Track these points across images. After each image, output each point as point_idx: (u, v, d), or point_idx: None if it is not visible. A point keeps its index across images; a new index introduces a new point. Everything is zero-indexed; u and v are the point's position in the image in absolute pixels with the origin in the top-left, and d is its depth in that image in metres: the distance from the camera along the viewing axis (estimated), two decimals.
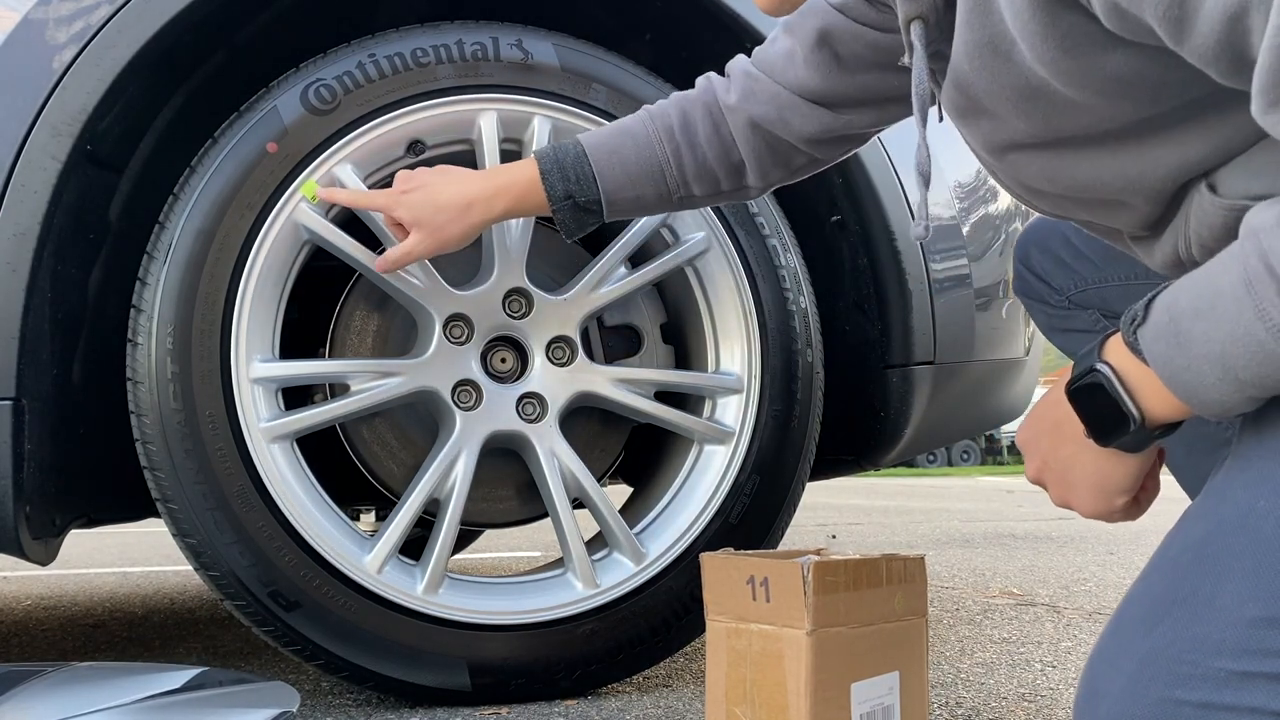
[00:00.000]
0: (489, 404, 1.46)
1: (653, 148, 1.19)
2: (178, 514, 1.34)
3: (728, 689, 0.91)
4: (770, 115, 1.13)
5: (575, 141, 1.21)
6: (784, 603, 0.87)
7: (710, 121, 1.18)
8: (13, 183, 1.28)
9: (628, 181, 1.20)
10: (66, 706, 1.04)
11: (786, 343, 1.55)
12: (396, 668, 1.40)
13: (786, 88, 1.11)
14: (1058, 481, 0.86)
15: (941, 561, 3.30)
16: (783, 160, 1.17)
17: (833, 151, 1.17)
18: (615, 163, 1.20)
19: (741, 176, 1.20)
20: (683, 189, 1.21)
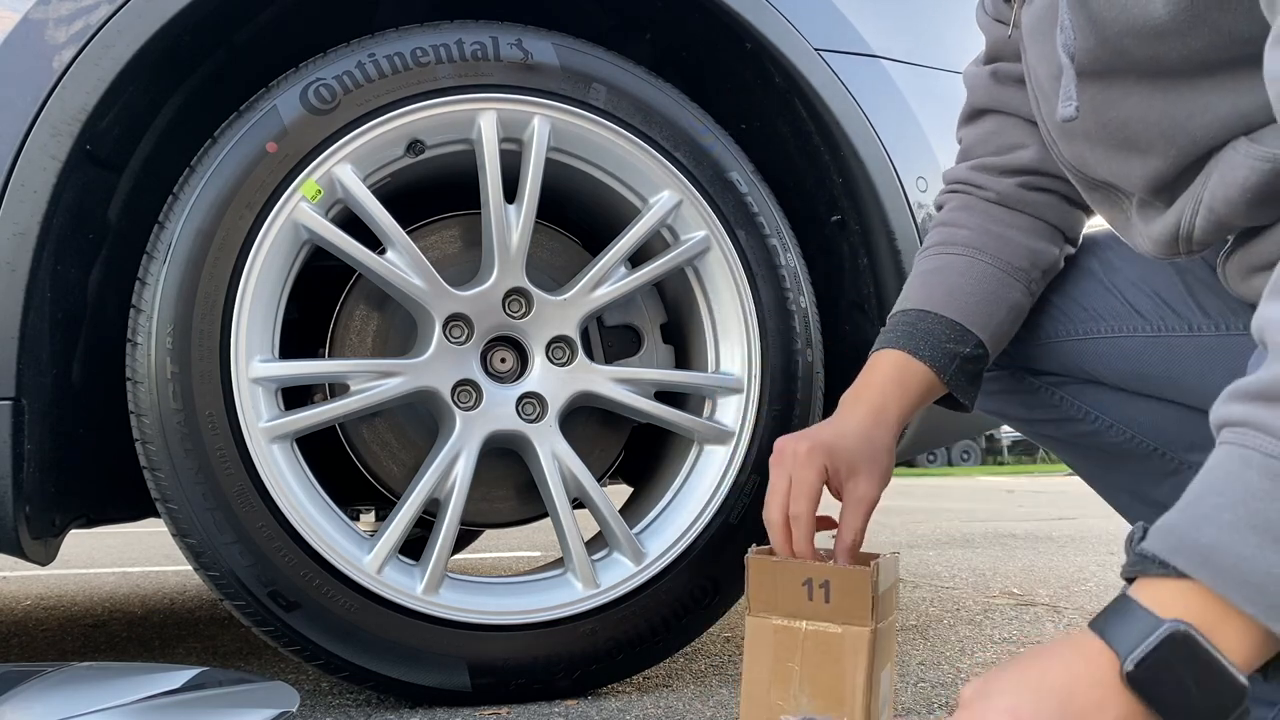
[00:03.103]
0: (489, 404, 1.46)
1: (967, 258, 1.08)
2: (177, 514, 1.34)
3: (771, 685, 0.93)
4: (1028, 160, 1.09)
5: (894, 316, 1.09)
6: (846, 603, 0.91)
7: (992, 210, 1.11)
8: (12, 182, 1.28)
9: (993, 303, 1.06)
10: (66, 706, 1.04)
11: (786, 343, 1.55)
12: (396, 668, 1.40)
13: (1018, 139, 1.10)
14: None
15: (941, 561, 3.30)
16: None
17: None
18: (969, 297, 1.06)
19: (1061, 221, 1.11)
20: (1033, 271, 1.09)
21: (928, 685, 1.56)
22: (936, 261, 1.10)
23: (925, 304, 1.07)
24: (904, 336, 1.05)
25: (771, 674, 0.93)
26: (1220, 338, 1.02)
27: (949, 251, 1.10)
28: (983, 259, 1.08)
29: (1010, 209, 1.11)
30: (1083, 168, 0.92)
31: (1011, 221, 1.10)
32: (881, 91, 1.56)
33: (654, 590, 1.49)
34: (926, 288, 1.08)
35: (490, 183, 1.44)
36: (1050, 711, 0.61)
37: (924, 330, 1.06)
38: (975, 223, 1.10)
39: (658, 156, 1.51)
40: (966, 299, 1.06)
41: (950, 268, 1.09)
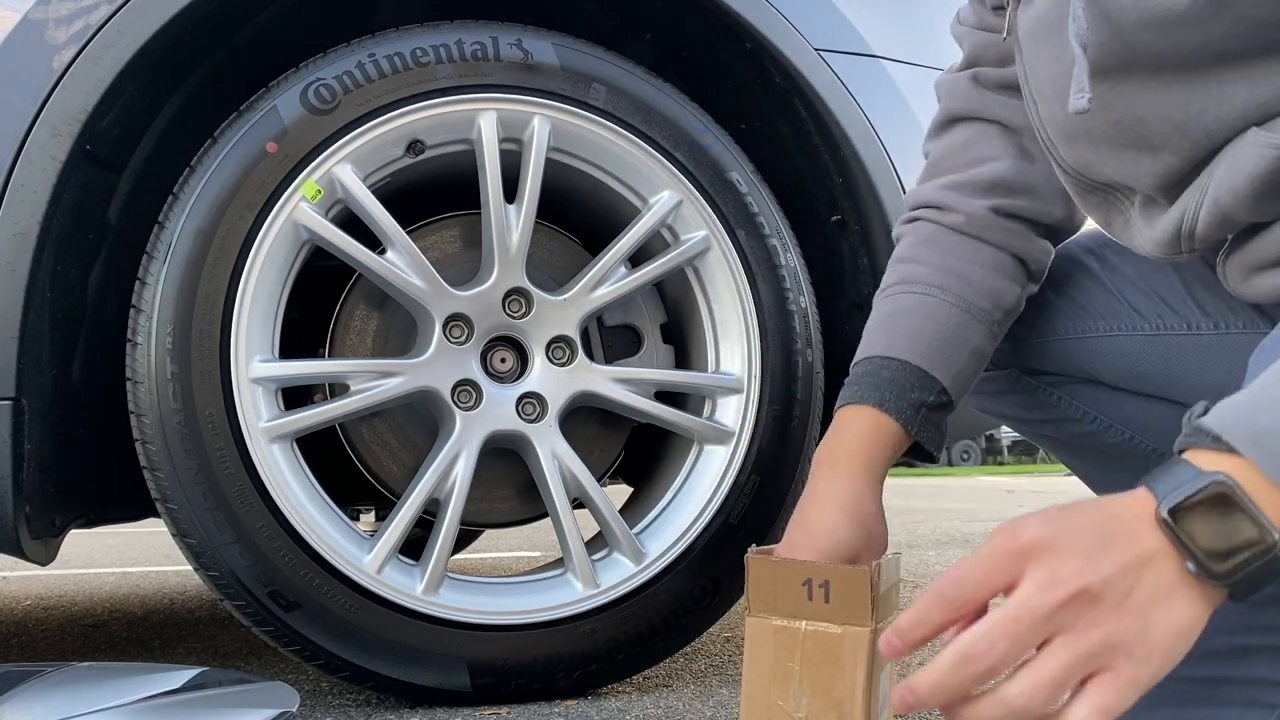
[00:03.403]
0: (489, 404, 1.46)
1: (930, 298, 1.04)
2: (177, 514, 1.34)
3: (772, 685, 0.93)
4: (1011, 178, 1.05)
5: (859, 364, 1.04)
6: (846, 603, 0.91)
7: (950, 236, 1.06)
8: (12, 182, 1.28)
9: (955, 347, 1.03)
10: (66, 706, 1.04)
11: (786, 343, 1.55)
12: (396, 668, 1.40)
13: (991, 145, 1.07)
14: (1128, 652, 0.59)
15: (942, 562, 3.30)
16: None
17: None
18: (931, 341, 1.02)
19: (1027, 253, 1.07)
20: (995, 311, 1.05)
21: None
22: (896, 303, 1.06)
23: (888, 350, 1.03)
24: (870, 389, 1.01)
25: (771, 674, 0.93)
26: (1219, 336, 1.01)
27: (910, 291, 1.05)
28: (944, 299, 1.04)
29: (975, 240, 1.06)
30: (1085, 170, 0.91)
31: (974, 257, 1.05)
32: (881, 91, 1.56)
33: (654, 590, 1.49)
34: (888, 333, 1.04)
35: (490, 183, 1.44)
36: (1087, 528, 0.61)
37: (888, 380, 1.02)
38: (936, 260, 1.06)
39: (658, 156, 1.51)
40: (929, 343, 1.02)
41: (911, 309, 1.04)
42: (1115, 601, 0.60)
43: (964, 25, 1.12)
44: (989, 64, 1.08)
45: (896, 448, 1.02)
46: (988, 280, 1.05)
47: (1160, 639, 0.60)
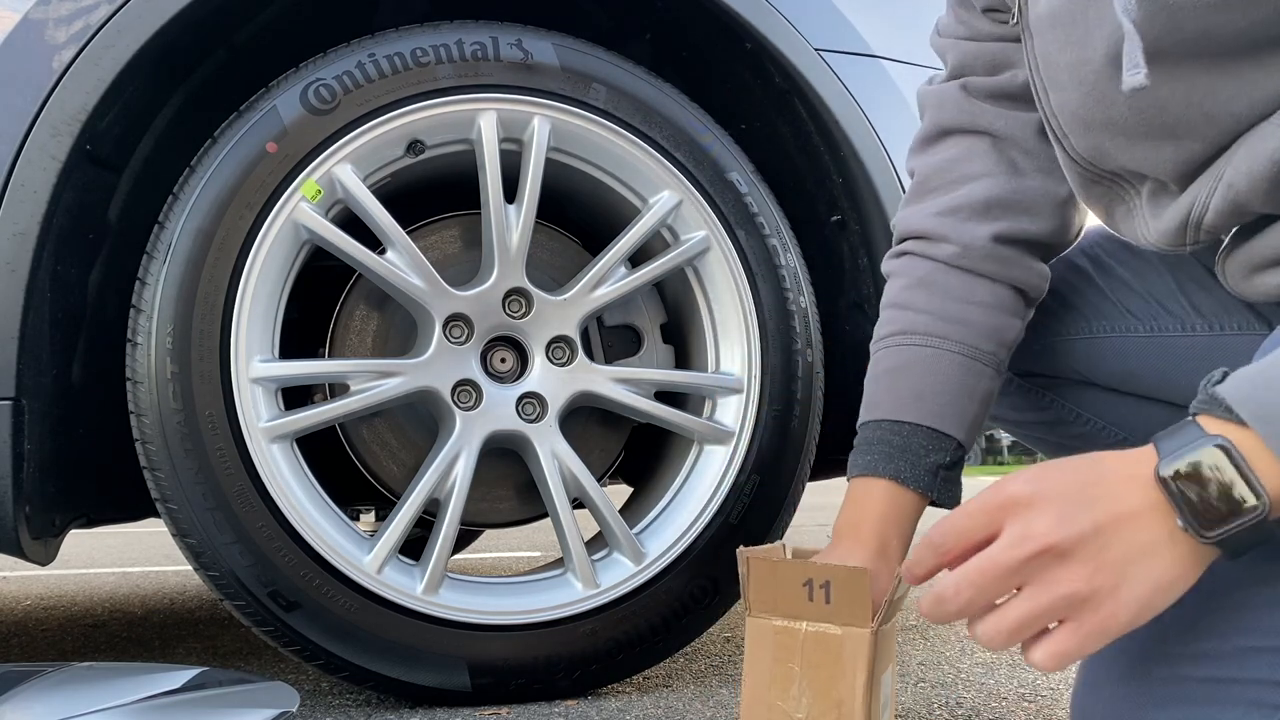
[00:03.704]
0: (489, 404, 1.46)
1: (931, 349, 1.01)
2: (177, 514, 1.34)
3: (772, 685, 0.93)
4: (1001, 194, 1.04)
5: (867, 427, 1.03)
6: (847, 604, 0.91)
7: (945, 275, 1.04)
8: (12, 182, 1.28)
9: (964, 398, 1.01)
10: (66, 706, 1.04)
11: (786, 343, 1.55)
12: (396, 668, 1.40)
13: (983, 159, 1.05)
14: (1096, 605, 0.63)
15: None
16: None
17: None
18: (940, 397, 1.00)
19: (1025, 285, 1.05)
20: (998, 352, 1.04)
21: (928, 685, 1.56)
22: (896, 357, 1.03)
23: (895, 413, 1.01)
24: (883, 459, 1.00)
25: (772, 675, 0.93)
26: (1214, 338, 1.01)
27: (910, 343, 1.03)
28: (946, 348, 1.02)
29: (970, 275, 1.03)
30: (1097, 159, 0.89)
31: (971, 296, 1.03)
32: (881, 91, 1.56)
33: (654, 590, 1.49)
34: (892, 392, 1.02)
35: (490, 183, 1.44)
36: (1069, 487, 0.64)
37: (900, 447, 1.00)
38: (934, 305, 1.03)
39: (658, 156, 1.51)
40: (938, 400, 1.00)
41: (915, 365, 1.02)
42: (1086, 557, 0.63)
43: (945, 37, 1.09)
44: (978, 73, 1.06)
45: (916, 515, 1.01)
46: (988, 319, 1.03)
47: (1137, 593, 0.63)
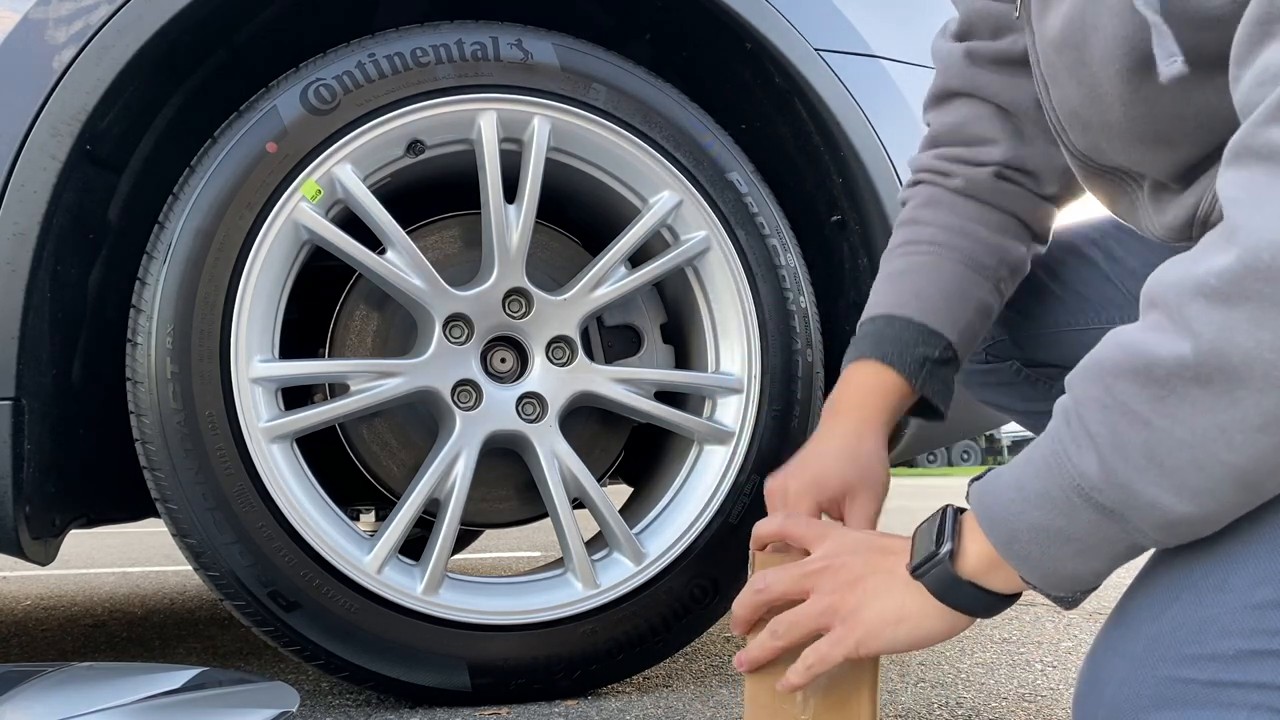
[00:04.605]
0: (489, 404, 1.46)
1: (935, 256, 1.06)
2: (177, 514, 1.34)
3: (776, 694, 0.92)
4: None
5: (864, 324, 1.07)
6: None
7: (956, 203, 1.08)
8: (12, 182, 1.28)
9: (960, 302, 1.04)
10: (66, 706, 1.04)
11: (786, 343, 1.55)
12: (396, 668, 1.40)
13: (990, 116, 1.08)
14: (843, 619, 0.81)
15: None
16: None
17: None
18: (936, 298, 1.04)
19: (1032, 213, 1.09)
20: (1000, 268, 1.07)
21: (927, 685, 1.56)
22: (902, 263, 1.07)
23: (892, 308, 1.05)
24: (873, 345, 1.03)
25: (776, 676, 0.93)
26: None
27: (915, 252, 1.07)
28: (949, 256, 1.05)
29: (978, 202, 1.08)
30: (1095, 156, 0.89)
31: (978, 217, 1.07)
32: (881, 91, 1.56)
33: (654, 590, 1.49)
34: (894, 291, 1.06)
35: (490, 183, 1.44)
36: (860, 539, 0.86)
37: (891, 336, 1.03)
38: (941, 219, 1.07)
39: (658, 157, 1.51)
40: (933, 300, 1.04)
41: (916, 268, 1.06)
42: (846, 580, 0.81)
43: None
44: (982, 35, 1.07)
45: (901, 401, 1.03)
46: (992, 238, 1.06)
47: (869, 617, 0.80)
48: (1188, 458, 0.62)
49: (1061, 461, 0.68)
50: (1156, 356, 0.62)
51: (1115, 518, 0.66)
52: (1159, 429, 0.62)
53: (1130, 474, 0.64)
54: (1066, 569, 0.71)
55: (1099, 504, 0.66)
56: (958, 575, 0.76)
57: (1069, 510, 0.68)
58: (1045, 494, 0.69)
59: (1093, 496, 0.66)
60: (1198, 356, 0.60)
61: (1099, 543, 0.69)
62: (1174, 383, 0.62)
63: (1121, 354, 0.65)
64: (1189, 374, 0.61)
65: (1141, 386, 0.63)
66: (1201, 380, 0.60)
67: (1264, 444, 0.60)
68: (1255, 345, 0.58)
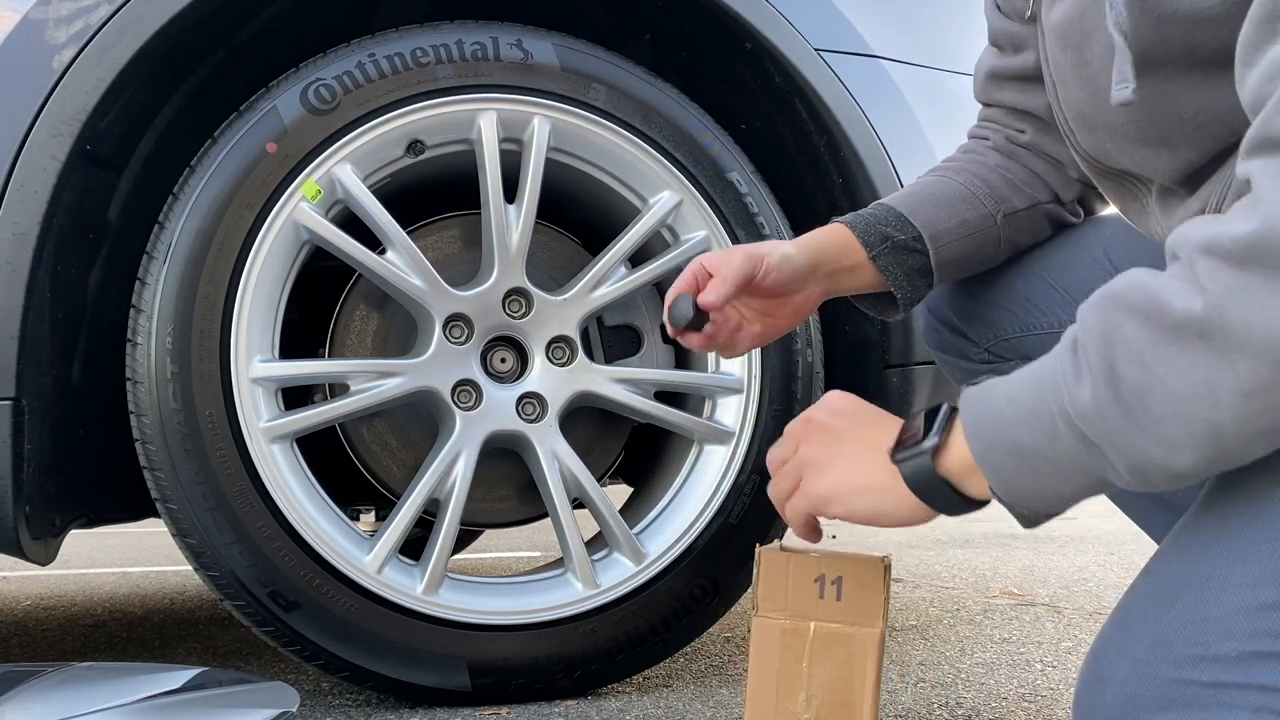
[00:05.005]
0: (489, 404, 1.46)
1: (941, 177, 1.14)
2: (177, 514, 1.34)
3: (779, 685, 0.92)
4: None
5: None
6: (859, 602, 0.90)
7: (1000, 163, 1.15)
8: (12, 182, 1.28)
9: (945, 209, 1.11)
10: (66, 706, 1.04)
11: (786, 342, 1.55)
12: (396, 668, 1.40)
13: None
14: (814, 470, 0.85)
15: (941, 561, 3.30)
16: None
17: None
18: (923, 199, 1.12)
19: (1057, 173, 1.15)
20: (1003, 203, 1.12)
21: (927, 685, 1.56)
22: (918, 183, 1.16)
23: (879, 202, 1.13)
24: (849, 218, 1.11)
25: (779, 676, 0.92)
26: None
27: (930, 174, 1.16)
28: (952, 178, 1.13)
29: (1003, 154, 1.15)
30: (1102, 158, 0.91)
31: (998, 163, 1.14)
32: (881, 91, 1.56)
33: (654, 590, 1.49)
34: (894, 195, 1.14)
35: (490, 183, 1.44)
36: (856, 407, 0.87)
37: (868, 215, 1.11)
38: (966, 157, 1.16)
39: (658, 157, 1.51)
40: (916, 199, 1.11)
41: (921, 183, 1.15)
42: (826, 439, 0.85)
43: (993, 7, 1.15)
44: (1005, 46, 1.13)
45: (854, 263, 1.10)
46: (1001, 179, 1.13)
47: (835, 477, 0.83)
48: (1174, 408, 0.64)
49: (1057, 386, 0.69)
50: (1168, 304, 0.63)
51: (1094, 450, 0.68)
52: (1155, 375, 0.64)
53: (1118, 412, 0.66)
54: (1035, 488, 0.73)
55: (1082, 433, 0.68)
56: (935, 470, 0.77)
57: (1053, 433, 0.69)
58: (1034, 413, 0.70)
59: (1078, 425, 0.68)
60: (1204, 313, 0.61)
61: (1073, 471, 0.70)
62: (1178, 333, 0.63)
63: (1136, 294, 0.66)
64: (1194, 328, 0.62)
65: (1149, 330, 0.64)
66: (1204, 336, 0.62)
67: (1248, 408, 0.62)
68: (1259, 311, 0.59)
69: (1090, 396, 0.67)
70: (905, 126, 1.57)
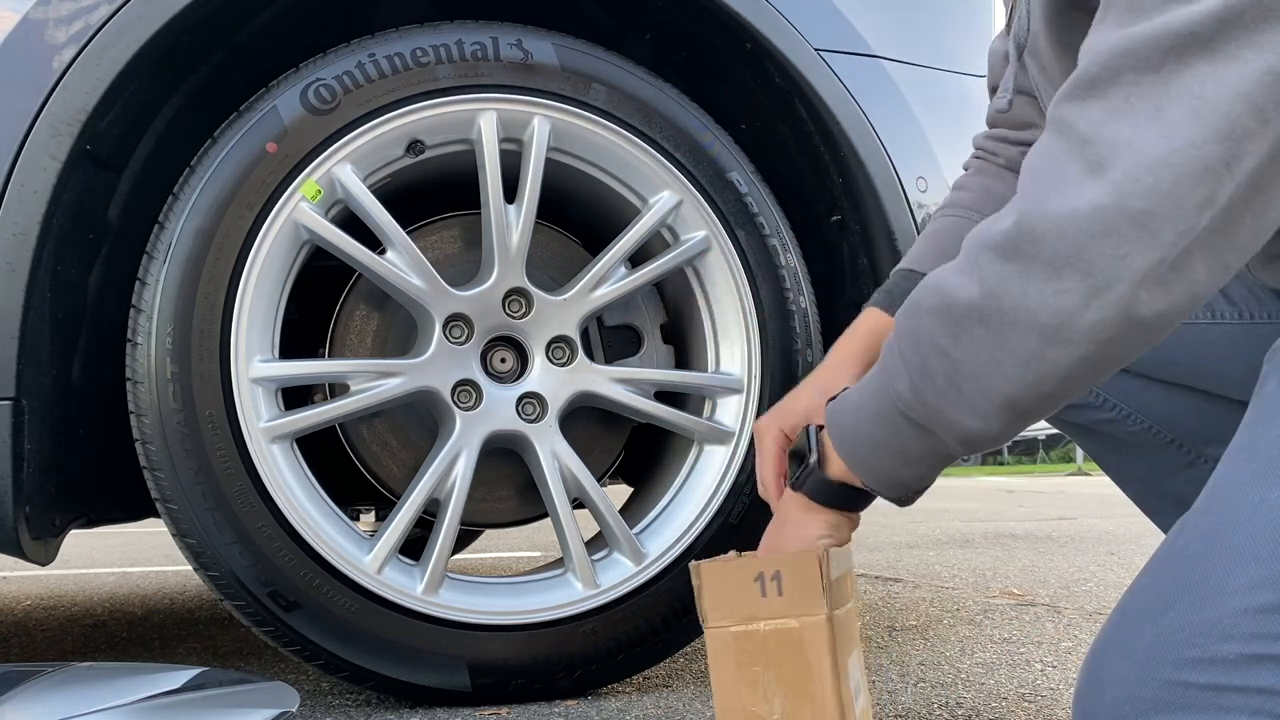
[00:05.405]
0: (489, 404, 1.46)
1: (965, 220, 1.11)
2: (177, 514, 1.34)
3: (742, 692, 0.92)
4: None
5: (890, 276, 1.14)
6: (799, 593, 0.91)
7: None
8: (12, 182, 1.28)
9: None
10: (66, 706, 1.04)
11: (786, 343, 1.55)
12: (396, 668, 1.40)
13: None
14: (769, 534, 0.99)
15: (941, 561, 3.30)
16: None
17: None
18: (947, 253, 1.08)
19: None
20: None
21: (927, 685, 1.56)
22: (938, 224, 1.15)
23: (914, 264, 1.11)
24: (884, 295, 1.11)
25: (739, 682, 0.92)
26: (1244, 326, 1.03)
27: (950, 214, 1.15)
28: (977, 220, 1.09)
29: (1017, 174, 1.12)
30: None
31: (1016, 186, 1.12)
32: (881, 91, 1.56)
33: (654, 590, 1.49)
34: (920, 249, 1.14)
35: (490, 183, 1.44)
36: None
37: (903, 290, 1.07)
38: (980, 184, 1.15)
39: (658, 156, 1.51)
40: (941, 255, 1.07)
41: (946, 229, 1.13)
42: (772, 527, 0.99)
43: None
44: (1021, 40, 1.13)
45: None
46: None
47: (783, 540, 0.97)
48: (976, 385, 0.74)
49: (887, 385, 0.80)
50: (955, 298, 0.74)
51: (927, 432, 0.79)
52: (955, 359, 0.74)
53: (934, 396, 0.76)
54: (897, 475, 0.85)
55: (914, 420, 0.79)
56: (829, 480, 0.89)
57: (895, 427, 0.80)
58: (877, 413, 0.82)
59: (909, 414, 0.79)
60: (981, 300, 0.71)
61: (920, 453, 0.81)
62: (965, 322, 0.73)
63: (932, 296, 0.76)
64: (975, 315, 0.72)
65: (943, 324, 0.74)
66: (984, 320, 0.72)
67: (1029, 376, 0.71)
68: (1021, 295, 0.69)
69: (909, 389, 0.77)
70: (905, 126, 1.57)
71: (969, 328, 0.72)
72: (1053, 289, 0.68)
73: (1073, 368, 0.70)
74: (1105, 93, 0.68)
